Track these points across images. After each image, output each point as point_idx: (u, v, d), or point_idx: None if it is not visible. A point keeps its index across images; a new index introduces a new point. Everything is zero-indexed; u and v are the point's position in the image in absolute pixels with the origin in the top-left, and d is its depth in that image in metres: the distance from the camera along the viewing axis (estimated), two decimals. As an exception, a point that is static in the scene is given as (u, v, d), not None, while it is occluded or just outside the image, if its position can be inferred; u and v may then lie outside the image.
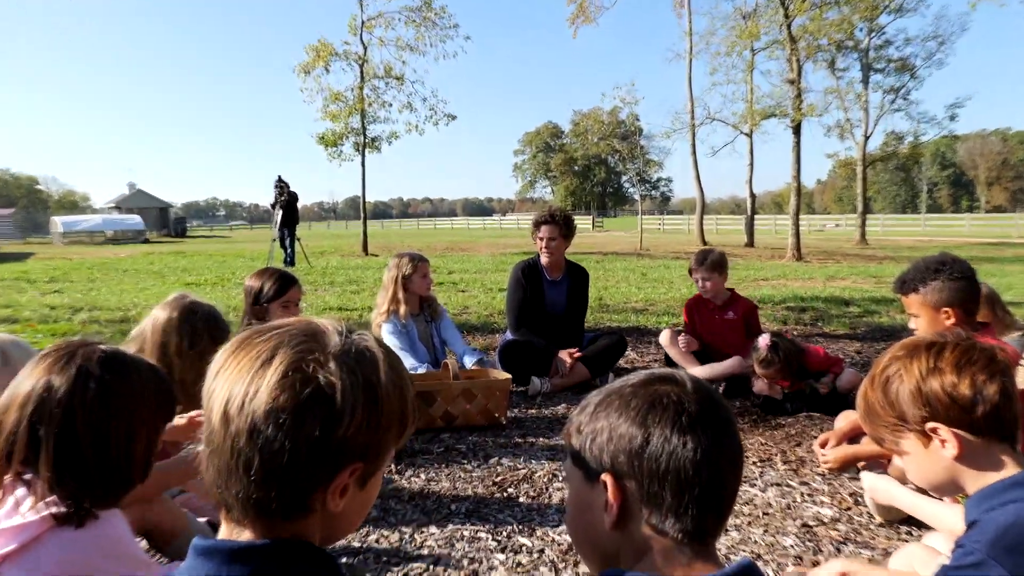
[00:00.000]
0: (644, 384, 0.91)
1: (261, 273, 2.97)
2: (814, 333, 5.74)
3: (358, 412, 0.83)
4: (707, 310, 4.19)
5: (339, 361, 0.83)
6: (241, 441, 0.80)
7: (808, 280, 10.53)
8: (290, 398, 0.80)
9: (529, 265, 4.32)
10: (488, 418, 3.35)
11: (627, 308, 7.13)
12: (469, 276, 10.89)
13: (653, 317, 6.47)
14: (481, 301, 7.56)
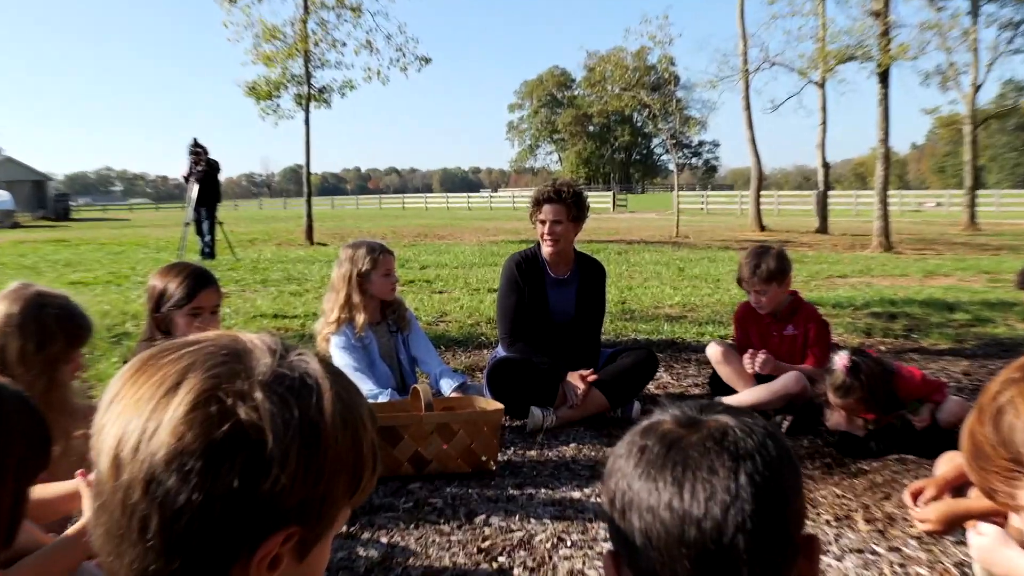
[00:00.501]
0: (672, 438, 0.90)
1: (168, 270, 2.96)
2: (907, 349, 5.76)
3: (292, 459, 0.82)
4: (761, 322, 4.22)
5: (268, 390, 0.82)
6: (135, 494, 0.79)
7: (900, 277, 10.57)
8: (199, 438, 0.79)
9: (526, 258, 4.33)
10: (473, 463, 3.35)
11: (658, 315, 7.15)
12: (448, 272, 10.91)
13: (693, 327, 6.49)
14: (464, 306, 7.57)
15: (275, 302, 7.87)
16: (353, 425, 0.87)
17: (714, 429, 0.89)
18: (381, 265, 3.88)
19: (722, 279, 10.07)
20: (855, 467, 3.43)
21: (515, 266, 4.29)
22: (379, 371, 3.87)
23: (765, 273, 4.01)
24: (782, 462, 0.88)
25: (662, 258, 13.58)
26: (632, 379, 4.20)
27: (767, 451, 0.87)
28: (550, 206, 4.20)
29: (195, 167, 13.18)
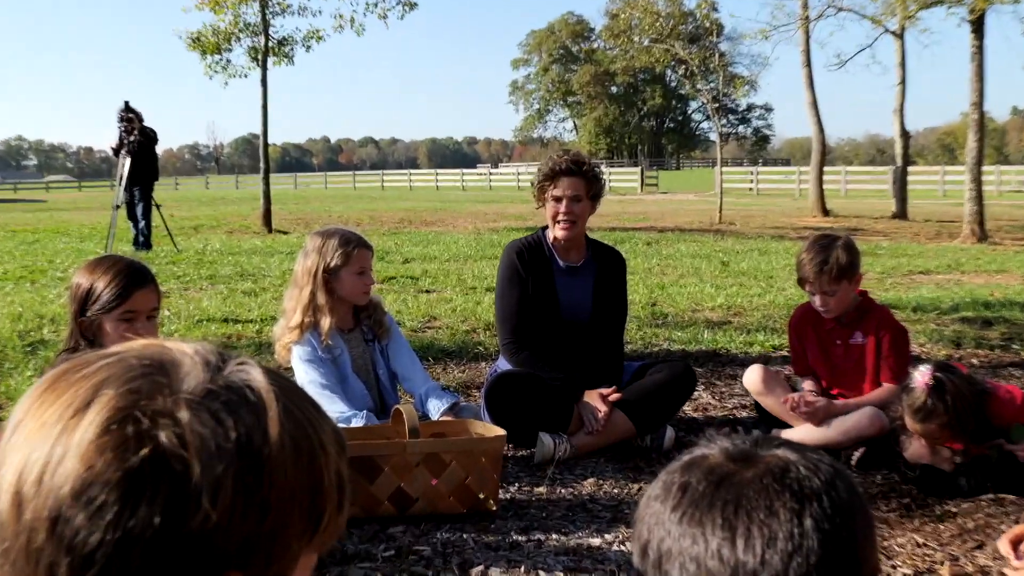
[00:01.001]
0: (723, 474, 0.90)
1: (95, 265, 2.98)
2: (1006, 363, 5.76)
3: (226, 490, 0.82)
4: (822, 329, 4.22)
5: (197, 408, 0.82)
6: (39, 537, 0.79)
7: (997, 274, 10.57)
8: (112, 465, 0.79)
9: (530, 245, 4.35)
10: (468, 502, 3.36)
11: (696, 320, 7.15)
12: (438, 267, 10.93)
13: (739, 335, 6.49)
14: (458, 308, 7.59)
15: (225, 303, 7.89)
16: (309, 450, 0.87)
17: (773, 465, 0.89)
18: (355, 261, 3.88)
19: (776, 275, 10.07)
20: (940, 509, 3.43)
21: (515, 255, 4.31)
22: (352, 388, 3.87)
23: (835, 269, 3.98)
24: (853, 505, 0.88)
25: (702, 250, 13.58)
26: (664, 399, 4.20)
27: (836, 492, 0.87)
28: (569, 179, 4.22)
29: (127, 137, 13.21)
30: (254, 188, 41.03)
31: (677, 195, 38.36)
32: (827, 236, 4.16)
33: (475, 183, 52.54)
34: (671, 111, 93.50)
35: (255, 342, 6.15)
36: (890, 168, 26.90)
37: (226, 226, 19.05)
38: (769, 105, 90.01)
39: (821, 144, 23.62)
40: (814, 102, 22.89)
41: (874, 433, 3.90)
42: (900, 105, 21.81)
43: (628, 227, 18.48)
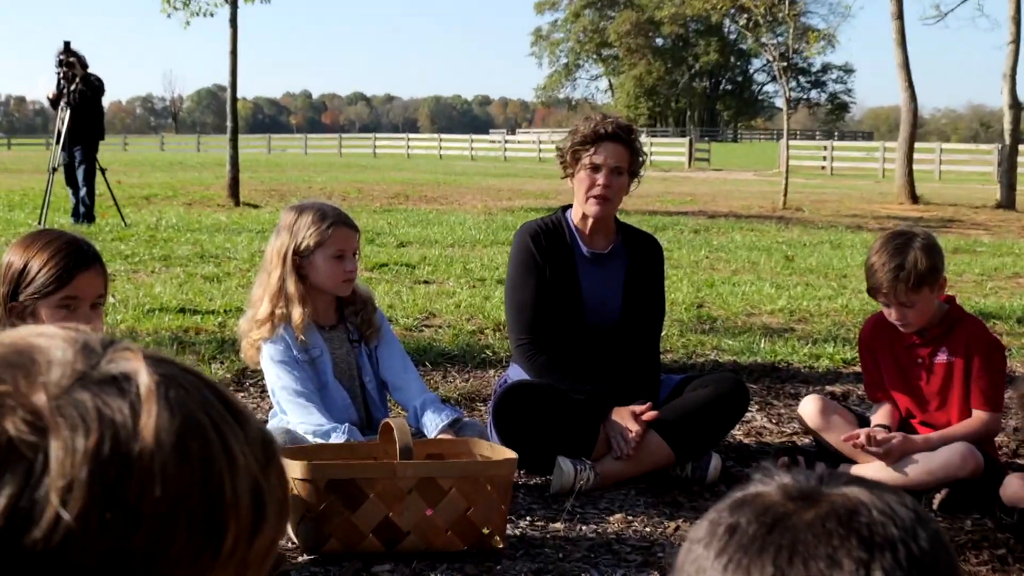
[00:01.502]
0: (779, 515, 0.91)
1: (30, 241, 3.01)
2: None
3: (82, 492, 0.84)
4: (900, 346, 4.22)
5: (56, 395, 0.85)
6: None
7: (1120, 279, 10.51)
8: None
9: (547, 228, 4.38)
10: (470, 538, 3.38)
11: (752, 326, 7.16)
12: (439, 254, 10.96)
13: (804, 346, 6.50)
14: (462, 303, 7.61)
15: (182, 290, 7.94)
16: (202, 454, 0.87)
17: (839, 505, 0.88)
18: (331, 242, 3.87)
19: (851, 275, 10.05)
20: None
21: (530, 238, 4.33)
22: (332, 397, 3.90)
23: (913, 276, 3.93)
24: (937, 559, 0.88)
25: (761, 241, 13.55)
26: (709, 421, 4.21)
27: (916, 542, 0.87)
28: (613, 145, 4.25)
29: (66, 86, 13.27)
30: (219, 151, 41.05)
31: (733, 173, 38.26)
32: (902, 234, 4.12)
33: (487, 152, 52.49)
34: (728, 70, 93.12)
35: (217, 337, 6.19)
36: (995, 146, 26.73)
37: (184, 196, 19.10)
38: (850, 66, 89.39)
39: (912, 115, 23.49)
40: (906, 63, 22.76)
41: (967, 474, 3.89)
42: (1011, 69, 21.67)
43: (672, 211, 18.47)
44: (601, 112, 4.51)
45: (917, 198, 22.62)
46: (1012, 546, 3.55)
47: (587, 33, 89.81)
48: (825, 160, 40.53)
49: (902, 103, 23.47)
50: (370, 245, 11.35)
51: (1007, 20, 21.87)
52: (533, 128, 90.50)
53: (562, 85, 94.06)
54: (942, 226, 16.63)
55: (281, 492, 0.92)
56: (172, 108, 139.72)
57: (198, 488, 0.85)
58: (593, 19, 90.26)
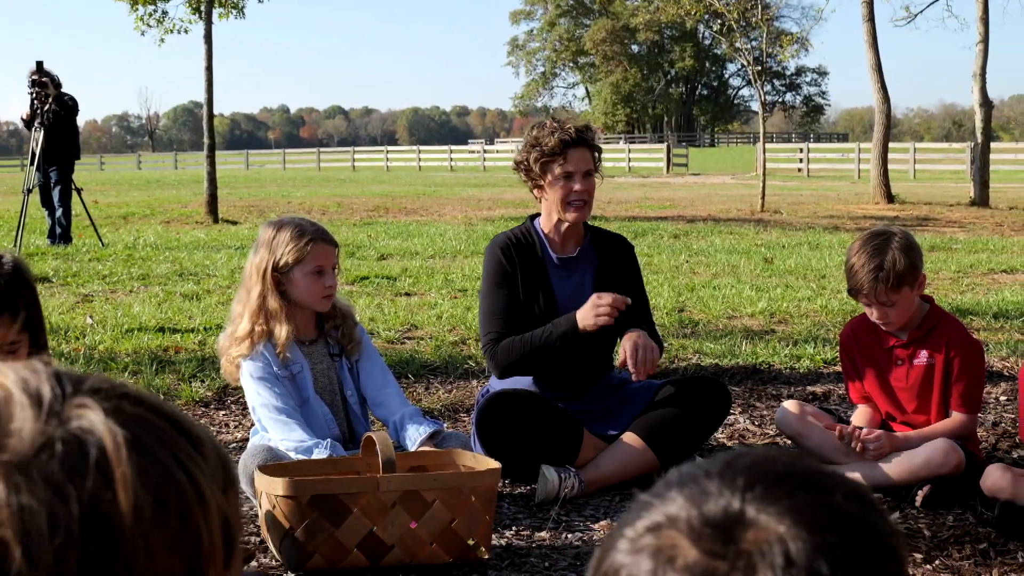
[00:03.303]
0: (703, 571, 0.83)
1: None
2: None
3: None
4: (880, 348, 4.23)
5: (21, 476, 0.77)
6: None
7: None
8: None
9: (518, 240, 4.39)
10: (455, 549, 3.38)
11: (733, 328, 7.18)
12: (420, 265, 10.95)
13: (785, 347, 6.52)
14: (444, 315, 7.61)
15: (161, 309, 7.91)
16: (179, 507, 0.84)
17: (767, 551, 0.79)
18: (311, 258, 3.87)
19: (829, 275, 10.09)
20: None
21: (501, 251, 4.33)
22: (314, 412, 3.90)
23: (893, 276, 3.94)
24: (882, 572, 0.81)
25: (740, 244, 13.59)
26: (692, 425, 4.23)
27: (859, 573, 0.80)
28: (580, 151, 4.26)
29: (40, 106, 13.22)
30: (196, 168, 40.91)
31: (711, 177, 38.37)
32: (880, 234, 4.12)
33: (466, 162, 52.50)
34: (704, 75, 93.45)
35: (197, 356, 6.17)
36: (968, 145, 26.90)
37: (162, 215, 19.05)
38: (823, 68, 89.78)
39: (886, 116, 23.63)
40: (878, 64, 22.90)
41: (949, 471, 3.90)
42: (981, 68, 21.83)
43: (651, 216, 18.50)
44: (552, 117, 4.49)
45: (892, 197, 22.73)
46: (993, 540, 3.57)
47: (563, 42, 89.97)
48: (801, 162, 40.67)
49: (875, 104, 23.60)
50: (350, 258, 11.34)
51: (976, 20, 22.04)
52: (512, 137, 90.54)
53: (539, 94, 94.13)
54: (918, 225, 16.72)
55: (238, 510, 0.89)
56: (148, 126, 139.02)
57: (178, 543, 0.82)
58: (568, 28, 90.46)
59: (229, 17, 17.88)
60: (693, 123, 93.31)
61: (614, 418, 4.32)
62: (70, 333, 6.88)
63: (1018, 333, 7.00)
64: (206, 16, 17.30)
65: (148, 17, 17.78)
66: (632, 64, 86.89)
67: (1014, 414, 5.10)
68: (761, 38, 23.31)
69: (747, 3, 22.43)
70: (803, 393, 5.51)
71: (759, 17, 22.20)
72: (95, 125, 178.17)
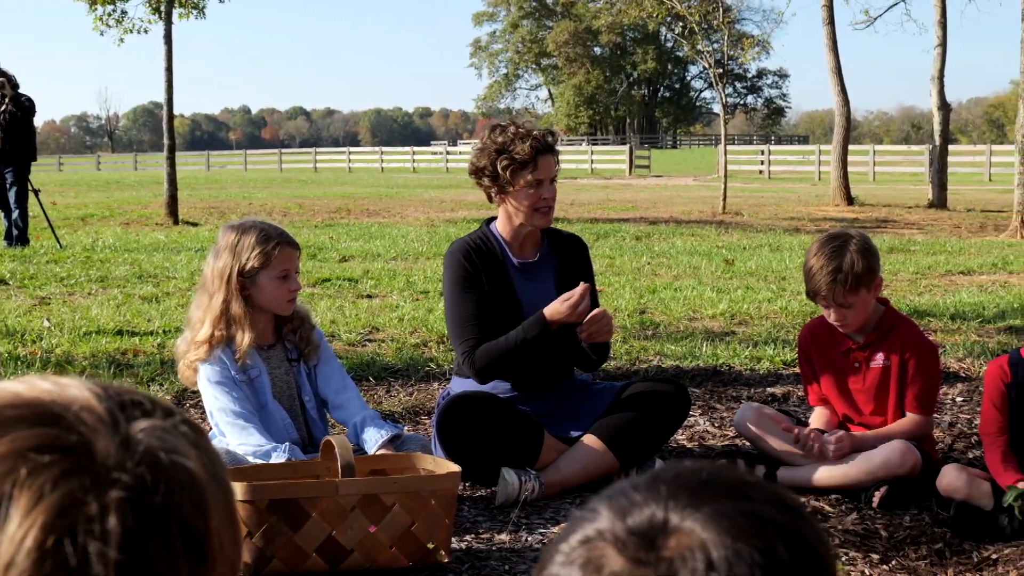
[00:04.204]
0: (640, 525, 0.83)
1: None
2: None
3: None
4: (837, 351, 4.27)
5: (132, 514, 0.80)
6: None
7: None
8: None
9: (477, 245, 4.38)
10: (414, 553, 3.37)
11: (694, 330, 7.21)
12: (382, 267, 10.93)
13: (745, 348, 6.55)
14: (406, 317, 7.59)
15: (119, 312, 7.84)
16: (229, 510, 0.89)
17: (690, 558, 0.81)
18: (277, 262, 3.86)
19: (790, 276, 10.16)
20: (979, 555, 3.50)
21: (463, 256, 4.32)
22: (272, 417, 3.88)
23: (851, 278, 3.97)
24: (807, 572, 0.83)
25: (701, 245, 13.66)
26: (652, 426, 4.24)
27: (775, 570, 0.81)
28: (546, 157, 4.27)
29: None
30: (156, 169, 40.58)
31: (673, 179, 38.53)
32: (838, 236, 4.15)
33: (429, 164, 52.42)
34: (666, 77, 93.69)
35: (156, 359, 6.11)
36: (926, 147, 27.17)
37: (122, 216, 18.90)
38: (784, 71, 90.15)
39: (845, 118, 23.83)
40: (838, 67, 23.09)
41: (906, 472, 3.94)
42: (939, 72, 22.06)
43: (614, 218, 18.55)
44: (512, 121, 4.47)
45: (852, 200, 22.93)
46: (949, 540, 3.60)
47: (526, 43, 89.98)
48: (762, 164, 40.94)
49: (835, 107, 23.81)
50: (312, 260, 11.29)
51: (934, 24, 22.27)
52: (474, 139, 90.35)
53: (502, 95, 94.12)
54: (877, 226, 16.88)
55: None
56: (108, 126, 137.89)
57: (235, 547, 0.89)
58: (531, 29, 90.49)
59: (189, 17, 17.77)
60: (655, 125, 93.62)
61: (575, 420, 4.33)
62: (27, 336, 6.81)
63: (975, 334, 7.07)
64: (166, 16, 17.19)
65: (107, 17, 17.63)
66: (595, 66, 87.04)
67: (970, 415, 5.15)
68: (722, 41, 23.45)
69: (708, 6, 22.56)
70: (763, 395, 5.55)
71: (720, 20, 22.34)
72: (53, 125, 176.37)
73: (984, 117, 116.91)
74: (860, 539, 3.62)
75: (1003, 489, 3.63)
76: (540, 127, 4.41)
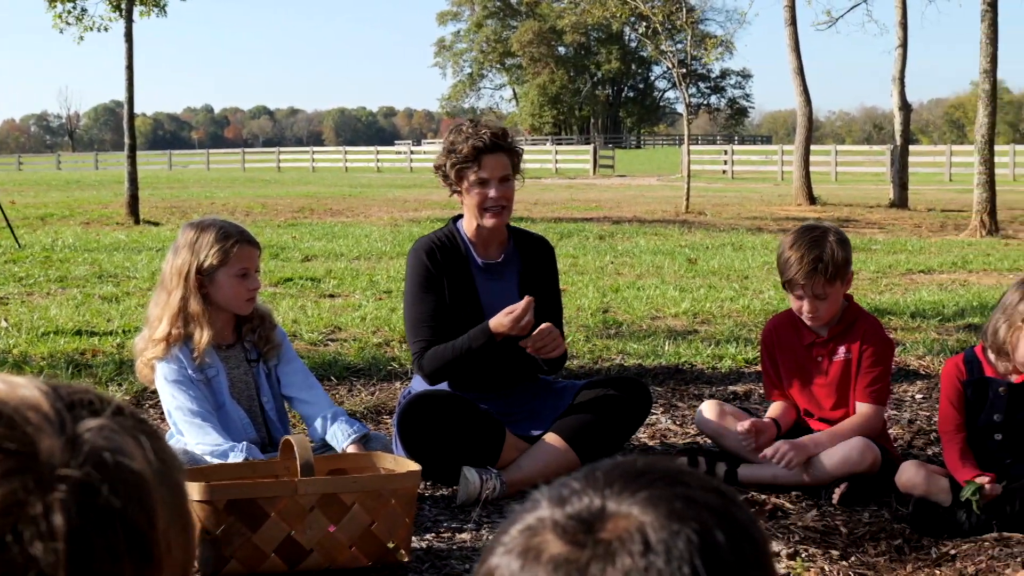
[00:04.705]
0: (565, 560, 0.84)
1: None
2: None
3: None
4: (800, 345, 4.28)
5: (76, 512, 0.80)
6: None
7: (1009, 272, 10.84)
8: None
9: (442, 243, 4.38)
10: (374, 553, 3.36)
11: (656, 329, 7.23)
12: (345, 267, 10.89)
13: (707, 347, 6.58)
14: (368, 316, 7.57)
15: (79, 312, 7.78)
16: (180, 512, 0.89)
17: (628, 539, 0.83)
18: (235, 261, 3.83)
19: (752, 275, 10.21)
20: (937, 551, 3.52)
21: (425, 255, 4.32)
22: (230, 417, 3.85)
23: (831, 268, 3.99)
24: (744, 565, 0.85)
25: (664, 245, 13.71)
26: (613, 424, 4.25)
27: (718, 557, 0.84)
28: (495, 157, 4.24)
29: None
30: (117, 169, 40.29)
31: (637, 179, 38.66)
32: (815, 227, 4.17)
33: (393, 163, 52.32)
34: (630, 78, 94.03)
35: (115, 359, 6.06)
36: (888, 147, 27.41)
37: (82, 216, 18.74)
38: (747, 71, 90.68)
39: (808, 119, 23.99)
40: (800, 68, 23.25)
41: (865, 469, 3.97)
42: (900, 72, 22.26)
43: (577, 217, 18.58)
44: (470, 121, 4.49)
45: (814, 199, 23.09)
46: (908, 536, 3.63)
47: (490, 43, 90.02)
48: (726, 164, 41.16)
49: (798, 107, 23.96)
50: (274, 260, 11.24)
51: (895, 25, 22.47)
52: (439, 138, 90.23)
53: (466, 95, 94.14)
54: (839, 226, 16.95)
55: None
56: (68, 125, 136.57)
57: (183, 547, 0.89)
58: (496, 29, 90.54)
59: (150, 15, 17.70)
60: (619, 125, 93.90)
61: (537, 419, 4.33)
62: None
63: (935, 332, 7.13)
64: (126, 14, 17.08)
65: (67, 15, 17.55)
66: (559, 66, 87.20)
67: (929, 412, 5.20)
68: (686, 41, 23.57)
69: (672, 6, 22.67)
70: (724, 393, 5.57)
71: (684, 20, 22.45)
72: (13, 124, 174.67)
73: (944, 118, 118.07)
74: (820, 535, 3.64)
75: (961, 485, 3.66)
76: (496, 126, 4.38)
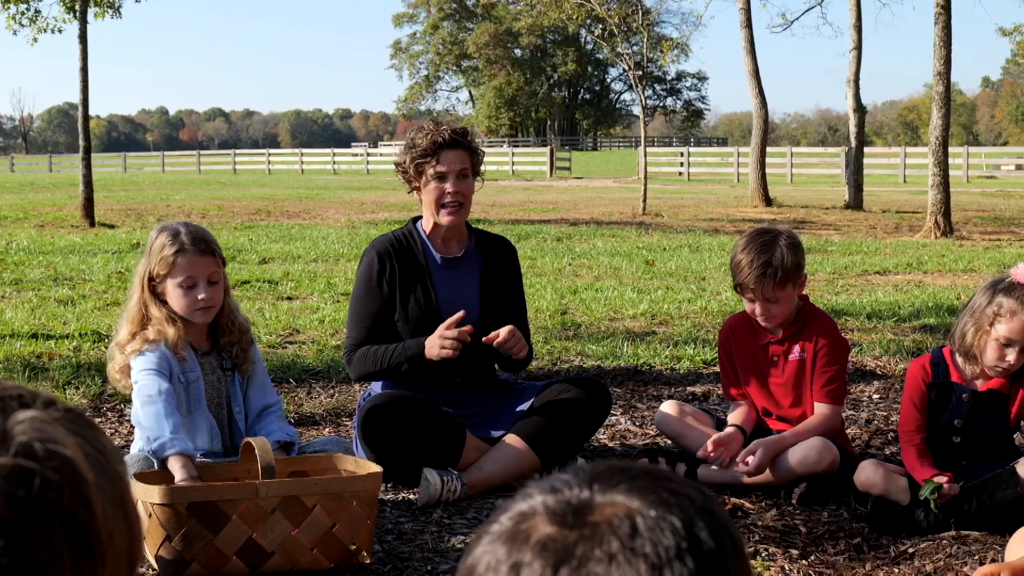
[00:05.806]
0: (560, 549, 0.85)
1: None
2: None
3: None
4: (756, 345, 4.32)
5: (2, 499, 0.81)
6: None
7: (963, 273, 10.98)
8: None
9: (399, 242, 4.39)
10: (336, 555, 3.36)
11: (615, 330, 7.25)
12: (302, 269, 10.85)
13: (665, 348, 6.61)
14: (326, 318, 7.55)
15: (34, 315, 7.70)
16: (121, 501, 0.88)
17: (616, 523, 0.86)
18: (179, 271, 3.71)
19: (709, 277, 10.28)
20: (896, 549, 3.55)
21: (377, 255, 4.34)
22: (200, 419, 3.80)
23: (781, 272, 4.03)
24: (725, 556, 0.87)
25: (622, 246, 13.76)
26: (573, 425, 4.26)
27: (701, 545, 0.86)
28: (454, 152, 4.26)
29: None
30: (72, 171, 39.97)
31: (593, 181, 38.79)
32: (767, 231, 4.21)
33: (350, 166, 52.19)
34: (586, 80, 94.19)
35: (72, 362, 5.99)
36: (842, 149, 27.66)
37: (36, 218, 18.55)
38: (703, 73, 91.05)
39: (763, 120, 24.15)
40: (755, 70, 23.41)
41: (824, 469, 4.00)
42: (855, 75, 22.45)
43: (535, 219, 18.61)
44: (432, 119, 4.52)
45: (770, 201, 23.26)
46: (867, 535, 3.66)
47: (446, 45, 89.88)
48: (682, 166, 41.38)
49: (753, 109, 24.12)
50: (232, 262, 11.14)
51: (849, 28, 22.68)
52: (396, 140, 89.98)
53: (423, 97, 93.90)
54: (795, 227, 17.02)
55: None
56: (22, 127, 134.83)
57: (127, 537, 0.89)
58: (452, 31, 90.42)
59: (105, 16, 17.51)
60: (576, 127, 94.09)
61: (497, 420, 4.34)
62: (-65, 341, 6.64)
63: (891, 333, 7.20)
64: (81, 15, 16.92)
65: (20, 16, 17.35)
66: (515, 68, 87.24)
67: (887, 412, 5.25)
68: (642, 43, 23.65)
69: (628, 8, 22.76)
70: (683, 393, 5.60)
71: (640, 22, 22.53)
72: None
73: (899, 120, 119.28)
74: (780, 535, 3.67)
75: (919, 484, 3.70)
76: (457, 125, 4.41)
